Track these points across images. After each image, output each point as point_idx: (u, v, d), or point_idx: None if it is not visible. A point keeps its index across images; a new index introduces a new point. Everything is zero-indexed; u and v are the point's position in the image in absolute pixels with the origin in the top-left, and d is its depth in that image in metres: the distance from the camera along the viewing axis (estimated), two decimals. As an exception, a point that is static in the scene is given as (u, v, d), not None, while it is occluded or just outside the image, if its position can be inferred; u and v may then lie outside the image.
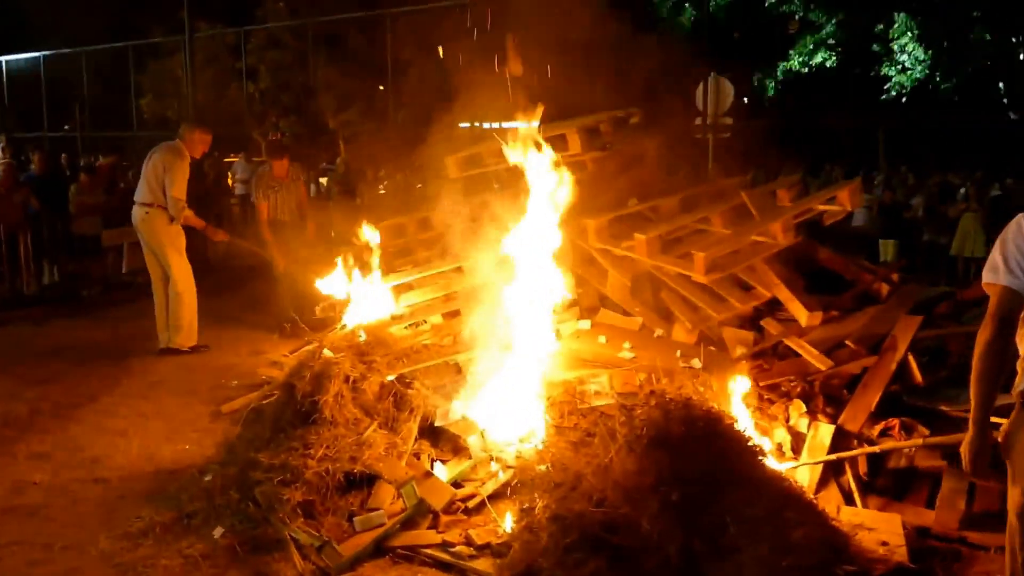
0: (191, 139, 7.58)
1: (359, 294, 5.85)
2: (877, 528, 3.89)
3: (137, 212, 7.58)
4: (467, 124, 13.86)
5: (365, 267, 5.99)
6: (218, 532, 4.15)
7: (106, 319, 9.17)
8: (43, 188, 10.65)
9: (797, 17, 16.62)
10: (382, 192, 11.65)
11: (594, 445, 3.90)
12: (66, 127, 22.42)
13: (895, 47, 17.81)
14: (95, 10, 20.93)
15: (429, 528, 4.18)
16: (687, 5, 16.95)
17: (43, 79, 21.76)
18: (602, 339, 4.87)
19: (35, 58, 21.73)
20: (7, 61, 22.49)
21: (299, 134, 16.22)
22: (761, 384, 4.63)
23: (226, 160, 15.33)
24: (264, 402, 4.96)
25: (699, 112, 12.79)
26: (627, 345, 4.73)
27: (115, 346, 7.90)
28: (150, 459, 5.29)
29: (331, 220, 10.34)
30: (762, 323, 5.02)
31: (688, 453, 3.72)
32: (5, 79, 22.81)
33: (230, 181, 14.13)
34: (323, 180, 13.14)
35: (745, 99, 16.06)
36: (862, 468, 4.29)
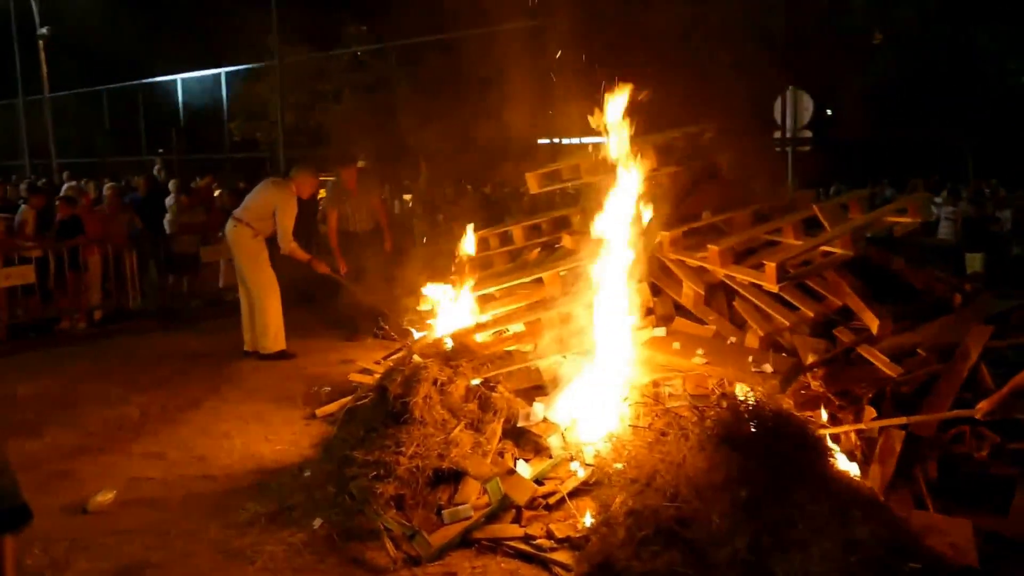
0: (301, 181, 8.13)
1: (445, 303, 6.17)
2: (947, 532, 3.93)
3: (228, 222, 8.17)
4: (546, 140, 14.16)
5: (450, 278, 6.32)
6: (317, 523, 4.46)
7: (205, 331, 9.71)
8: (145, 209, 11.34)
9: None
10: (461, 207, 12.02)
11: (668, 444, 4.10)
12: (160, 151, 23.57)
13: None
14: (188, 39, 22.01)
15: (512, 522, 4.40)
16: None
17: (141, 105, 23.02)
18: (676, 345, 5.06)
19: (133, 86, 22.99)
20: (108, 89, 23.80)
21: (381, 153, 16.76)
22: (832, 390, 4.76)
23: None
24: (358, 404, 5.28)
25: (778, 125, 12.81)
26: (700, 351, 4.92)
27: (214, 355, 8.38)
28: (252, 457, 5.67)
29: (415, 235, 10.73)
30: (834, 331, 5.14)
31: (757, 452, 3.89)
32: (106, 106, 24.15)
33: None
34: (406, 197, 13.58)
35: (828, 111, 15.90)
36: (933, 472, 4.37)
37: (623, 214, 5.22)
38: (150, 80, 22.51)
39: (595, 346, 5.01)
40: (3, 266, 9.25)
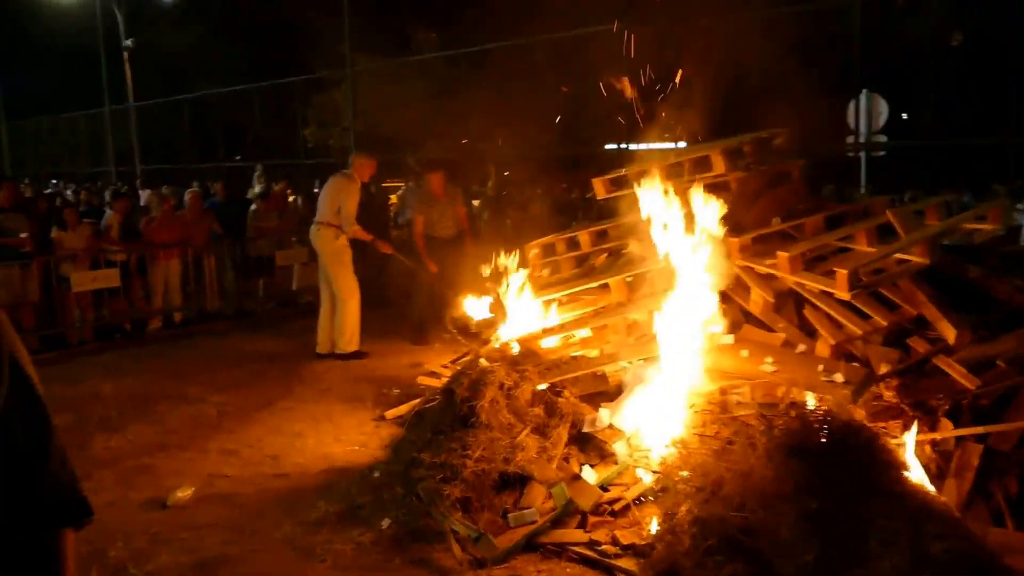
0: (359, 164, 8.47)
1: (513, 309, 6.22)
2: (1027, 550, 3.83)
3: (312, 228, 8.53)
4: (613, 146, 14.12)
5: (518, 284, 6.37)
6: (385, 523, 4.56)
7: (279, 332, 10.01)
8: (224, 214, 11.70)
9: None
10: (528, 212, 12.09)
11: (734, 453, 4.07)
12: (237, 157, 24.24)
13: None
14: (264, 49, 22.64)
15: (577, 527, 4.41)
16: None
17: (218, 114, 23.77)
18: (744, 353, 5.01)
19: (211, 95, 23.74)
20: (189, 99, 24.61)
21: (451, 158, 16.94)
22: (906, 401, 4.66)
23: (384, 185, 16.23)
24: (425, 407, 5.37)
25: (851, 130, 12.53)
26: (769, 359, 4.86)
27: (288, 357, 8.63)
28: (323, 457, 5.82)
29: (483, 240, 10.82)
30: (908, 341, 5.02)
31: (826, 463, 3.82)
32: (186, 115, 24.99)
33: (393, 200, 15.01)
34: (475, 203, 13.70)
35: (904, 115, 15.47)
36: (1012, 488, 4.24)
37: (690, 221, 5.20)
38: (228, 89, 23.18)
39: (661, 352, 5.00)
40: (89, 269, 9.66)
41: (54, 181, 25.03)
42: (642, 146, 13.31)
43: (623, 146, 14.07)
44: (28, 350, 1.32)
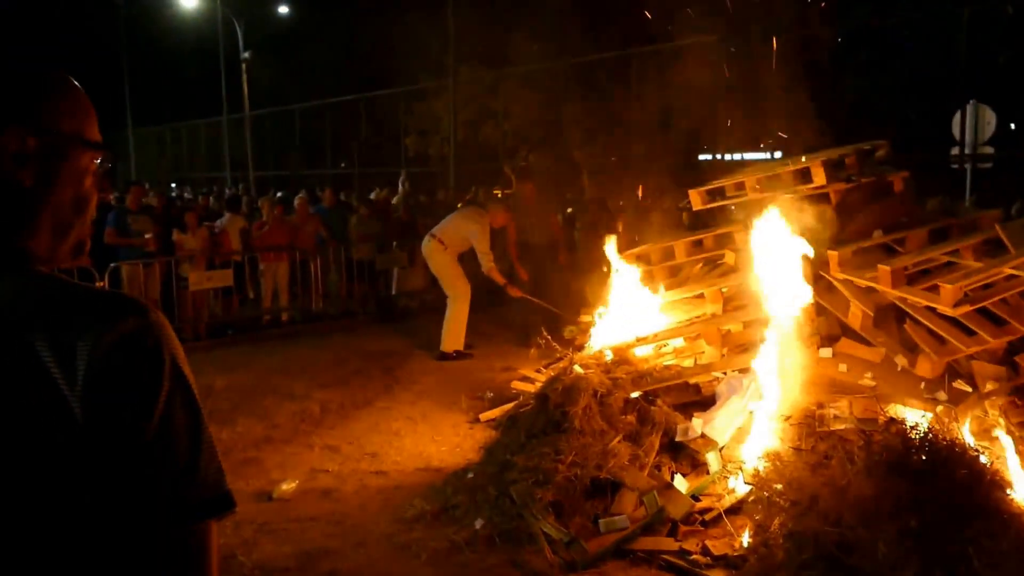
0: (495, 213, 8.90)
1: (607, 317, 6.28)
2: None
3: (425, 238, 8.99)
4: (708, 156, 13.99)
5: (612, 292, 6.43)
6: (479, 523, 4.66)
7: (378, 334, 10.30)
8: (330, 219, 12.14)
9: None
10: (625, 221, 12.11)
11: (831, 467, 4.03)
12: (342, 164, 25.01)
13: None
14: (370, 59, 23.30)
15: (668, 536, 4.44)
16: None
17: (327, 123, 24.62)
18: (843, 367, 4.94)
19: (320, 105, 24.61)
20: (299, 109, 25.59)
21: (546, 167, 17.06)
22: (1013, 421, 4.50)
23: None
24: (519, 411, 5.48)
25: (956, 141, 12.09)
26: (868, 375, 4.77)
27: (386, 358, 8.87)
28: (420, 456, 6.00)
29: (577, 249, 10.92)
30: (1016, 359, 4.85)
31: (928, 481, 3.75)
32: (298, 125, 25.99)
33: None
34: (568, 210, 13.79)
35: (1012, 126, 14.83)
36: None
37: (789, 232, 5.15)
38: (336, 99, 23.99)
39: (757, 364, 4.97)
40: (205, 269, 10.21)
41: (174, 185, 26.38)
42: (739, 156, 13.19)
43: (719, 157, 13.94)
44: None
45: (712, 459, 4.70)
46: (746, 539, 4.21)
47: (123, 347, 1.12)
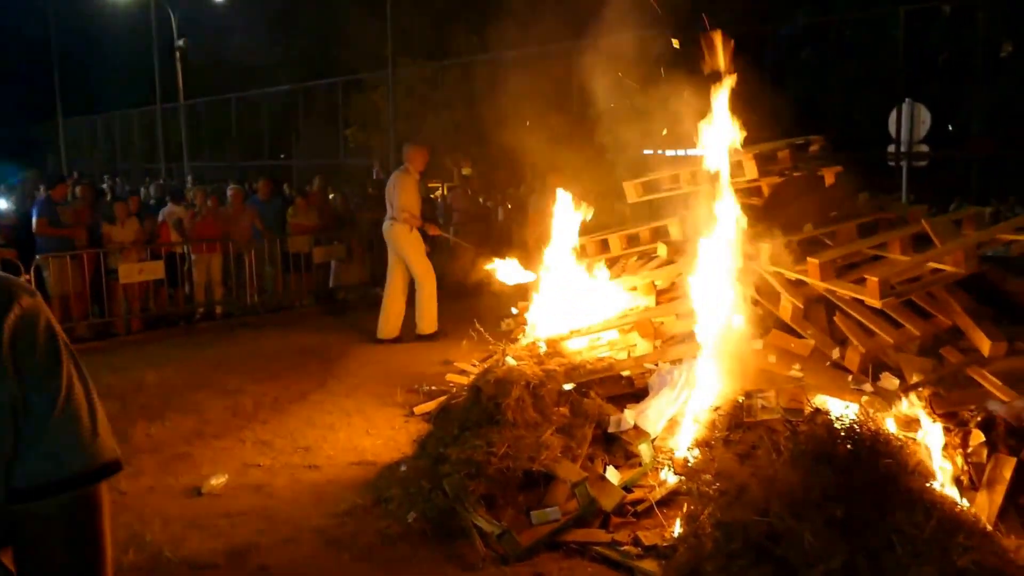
0: (411, 156, 8.98)
1: (541, 309, 6.27)
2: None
3: (384, 224, 9.07)
4: (650, 151, 14.10)
5: (547, 284, 6.42)
6: (411, 516, 4.61)
7: (314, 328, 10.13)
8: (266, 211, 11.91)
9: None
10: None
11: (758, 458, 4.07)
12: (282, 156, 24.60)
13: None
14: (308, 50, 22.99)
15: (600, 527, 4.45)
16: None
17: (264, 114, 24.18)
18: (772, 359, 5.00)
19: (258, 95, 24.15)
20: (235, 99, 25.06)
21: (490, 162, 17.02)
22: (938, 412, 4.60)
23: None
24: (452, 404, 5.44)
25: (892, 139, 12.40)
26: (796, 366, 4.84)
27: (322, 352, 8.73)
28: (353, 450, 5.91)
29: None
30: (942, 351, 4.96)
31: (854, 471, 3.80)
32: (234, 115, 25.46)
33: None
34: (510, 206, 13.79)
35: (949, 127, 15.29)
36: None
37: (720, 225, 5.20)
38: (273, 89, 23.57)
39: (688, 355, 5.01)
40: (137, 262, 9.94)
41: (106, 176, 25.60)
42: (680, 152, 13.31)
43: (659, 152, 14.06)
44: (77, 338, 1.56)
45: (644, 450, 4.72)
46: (677, 529, 4.23)
47: (25, 321, 1.23)
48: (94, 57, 32.42)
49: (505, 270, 7.43)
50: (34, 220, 9.70)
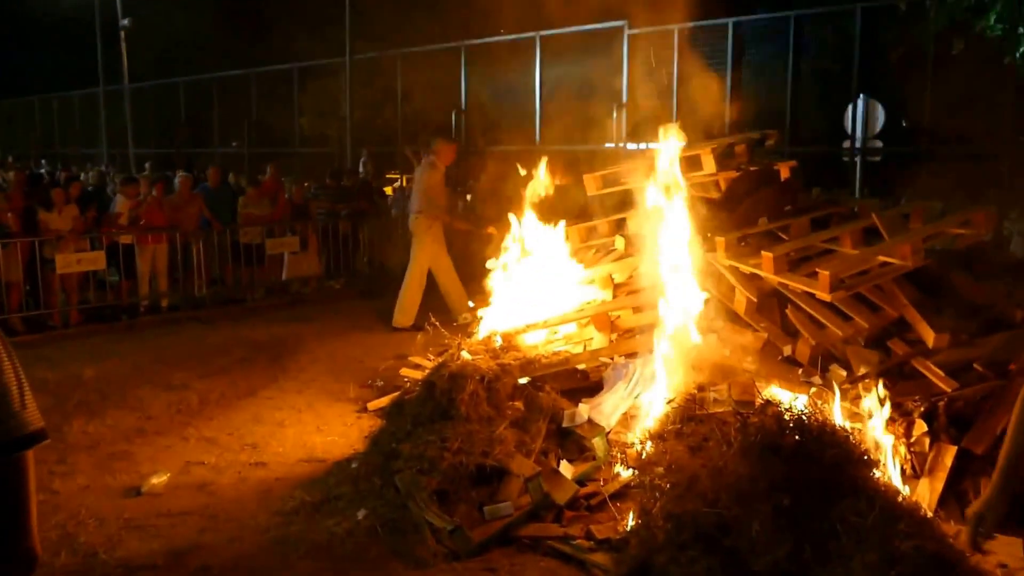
0: (438, 150, 9.03)
1: (497, 303, 6.22)
2: (996, 551, 3.84)
3: (410, 218, 9.20)
4: (611, 144, 14.12)
5: (503, 277, 6.36)
6: (361, 514, 4.53)
7: (266, 322, 9.96)
8: (214, 200, 11.65)
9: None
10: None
11: (709, 449, 4.07)
12: (234, 144, 24.11)
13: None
14: (262, 34, 22.50)
15: (553, 522, 4.43)
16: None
17: (215, 99, 23.64)
18: (726, 352, 5.01)
19: (208, 79, 23.57)
20: (184, 83, 24.45)
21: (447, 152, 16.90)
22: (884, 403, 4.66)
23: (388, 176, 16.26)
24: (405, 398, 5.36)
25: (847, 134, 12.57)
26: (749, 359, 4.86)
27: (273, 346, 8.58)
28: (303, 447, 5.80)
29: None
30: (888, 343, 5.03)
31: (801, 461, 3.83)
32: (182, 99, 24.83)
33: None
34: (468, 197, 13.70)
35: (903, 123, 15.53)
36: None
37: (676, 218, 5.20)
38: (224, 74, 23.04)
39: (643, 349, 5.00)
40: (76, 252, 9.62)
41: (44, 161, 24.84)
42: (635, 146, 13.35)
43: (623, 146, 14.10)
44: (10, 331, 1.68)
45: (598, 444, 4.71)
46: (630, 522, 4.22)
47: None
48: (33, 36, 31.30)
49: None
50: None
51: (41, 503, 4.80)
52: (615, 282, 6.07)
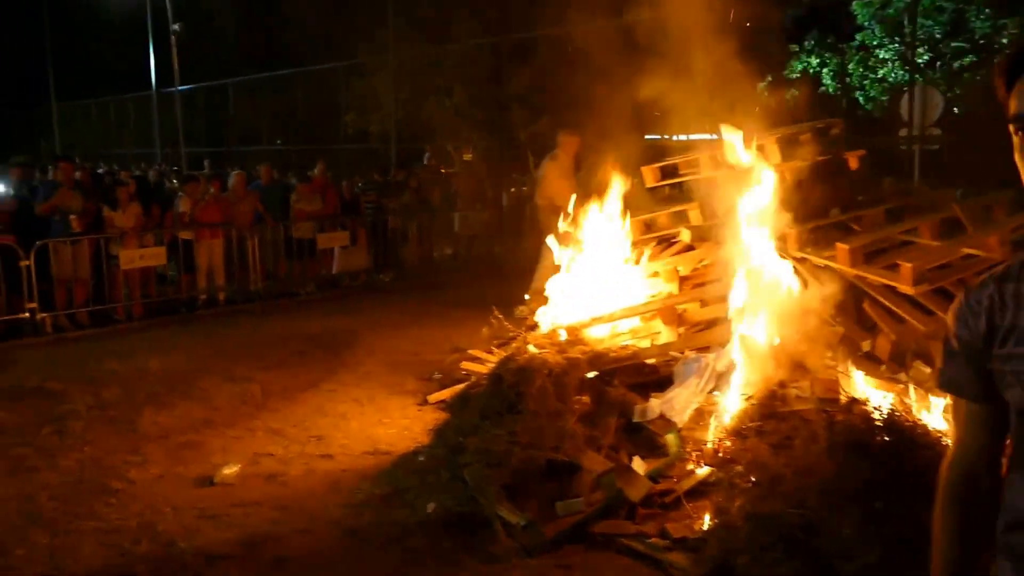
0: (561, 142, 9.06)
1: (562, 296, 6.14)
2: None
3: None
4: (655, 136, 13.95)
5: (565, 272, 6.28)
6: (430, 507, 4.47)
7: (319, 315, 10.00)
8: (267, 196, 11.74)
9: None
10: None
11: (794, 448, 3.96)
12: (279, 141, 24.32)
13: None
14: (307, 34, 22.64)
15: (626, 519, 4.33)
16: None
17: (263, 99, 23.87)
18: (803, 347, 4.88)
19: (254, 80, 23.82)
20: (232, 84, 24.73)
21: (489, 147, 16.85)
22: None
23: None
24: (472, 392, 5.31)
25: (904, 123, 12.26)
26: (829, 354, 4.72)
27: (328, 339, 8.59)
28: (367, 440, 5.78)
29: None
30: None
31: (891, 463, 3.70)
32: (232, 100, 25.13)
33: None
34: (513, 190, 13.68)
35: (955, 109, 15.17)
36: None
37: (746, 210, 5.07)
38: (271, 74, 23.25)
39: (718, 343, 4.89)
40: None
41: (101, 163, 25.30)
42: (683, 137, 13.17)
43: (666, 137, 13.89)
44: (78, 325, 1.54)
45: (671, 440, 4.60)
46: (706, 522, 4.12)
47: None
48: (89, 42, 31.98)
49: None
50: (38, 203, 9.51)
51: (119, 492, 4.91)
52: (680, 275, 5.96)
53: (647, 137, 14.60)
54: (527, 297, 7.51)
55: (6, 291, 8.82)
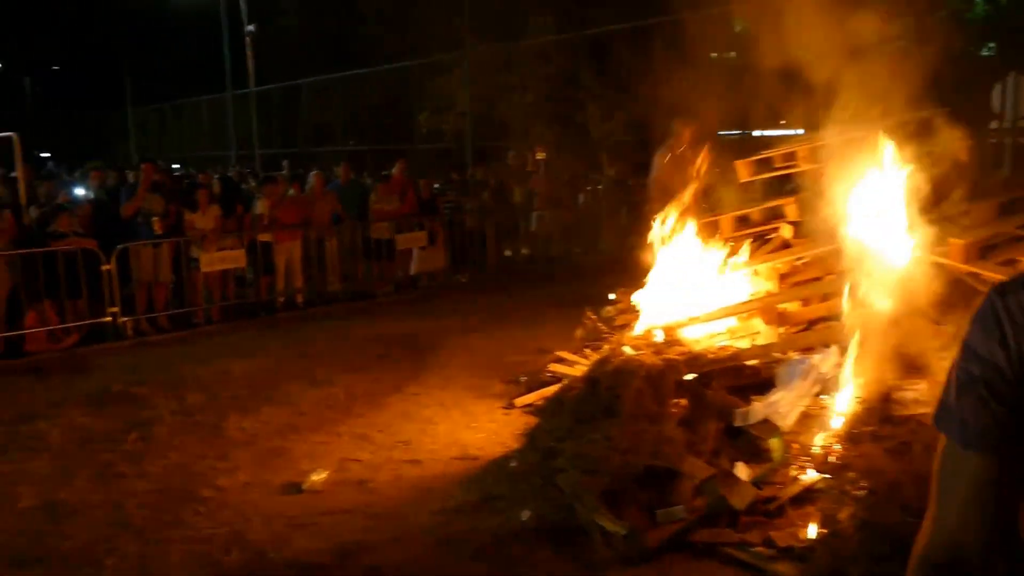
0: (676, 131, 8.69)
1: (653, 296, 5.97)
2: None
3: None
4: (734, 132, 13.60)
5: (657, 271, 6.10)
6: (525, 514, 4.37)
7: (398, 316, 9.98)
8: (345, 196, 11.79)
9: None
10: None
11: (913, 454, 3.74)
12: (351, 142, 24.53)
13: None
14: (380, 33, 22.79)
15: (728, 527, 4.17)
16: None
17: (337, 98, 24.10)
18: (914, 346, 4.61)
19: (328, 80, 24.06)
20: (306, 83, 25.02)
21: (562, 146, 16.70)
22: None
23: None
24: (564, 395, 5.18)
25: (996, 115, 11.68)
26: (944, 355, 4.45)
27: (409, 341, 8.55)
28: (455, 444, 5.70)
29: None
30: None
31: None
32: (305, 101, 25.44)
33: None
34: (588, 188, 13.50)
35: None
36: None
37: (854, 204, 4.82)
38: (345, 74, 23.45)
39: (826, 343, 4.65)
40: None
41: (176, 165, 25.87)
42: (763, 132, 12.81)
43: (745, 132, 13.54)
44: (159, 329, 1.46)
45: (775, 445, 4.40)
46: (813, 530, 3.92)
47: None
48: (163, 46, 32.80)
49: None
50: (122, 205, 9.67)
51: (208, 500, 4.90)
52: (780, 272, 5.72)
53: (721, 133, 14.30)
54: (611, 296, 7.33)
55: (88, 295, 8.93)
